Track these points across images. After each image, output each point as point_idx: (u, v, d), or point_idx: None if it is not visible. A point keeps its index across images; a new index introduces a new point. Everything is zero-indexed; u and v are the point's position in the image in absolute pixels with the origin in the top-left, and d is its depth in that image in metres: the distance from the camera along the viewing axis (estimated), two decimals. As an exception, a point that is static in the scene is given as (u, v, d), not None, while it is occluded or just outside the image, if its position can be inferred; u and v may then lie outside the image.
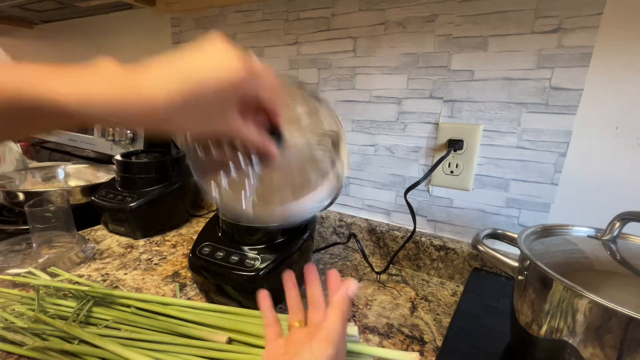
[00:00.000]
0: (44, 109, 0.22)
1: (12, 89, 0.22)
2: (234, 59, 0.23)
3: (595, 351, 0.30)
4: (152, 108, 0.22)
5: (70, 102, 0.22)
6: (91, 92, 0.22)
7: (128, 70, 0.23)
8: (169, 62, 0.23)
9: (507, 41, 0.53)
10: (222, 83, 0.23)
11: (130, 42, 1.03)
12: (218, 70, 0.23)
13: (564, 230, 0.43)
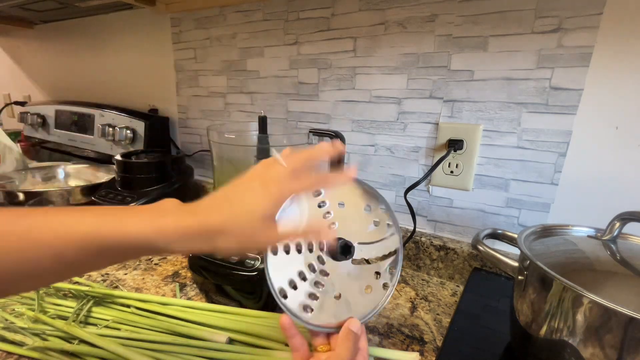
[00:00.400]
0: (124, 246, 0.26)
1: (85, 230, 0.25)
2: (264, 200, 0.28)
3: (595, 351, 0.30)
4: (206, 231, 0.27)
5: (149, 236, 0.26)
6: (165, 224, 0.27)
7: (188, 205, 0.29)
8: (219, 199, 0.29)
9: (507, 41, 0.53)
10: (254, 215, 0.28)
11: (130, 42, 1.03)
12: (250, 207, 0.28)
13: (564, 230, 0.43)
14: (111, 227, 0.26)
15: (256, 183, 0.29)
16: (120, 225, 0.26)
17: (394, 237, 0.37)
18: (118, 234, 0.26)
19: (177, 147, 1.01)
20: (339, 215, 0.35)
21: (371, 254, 0.36)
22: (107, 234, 0.25)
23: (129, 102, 1.09)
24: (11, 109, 1.54)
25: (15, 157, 0.98)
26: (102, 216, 0.26)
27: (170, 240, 0.27)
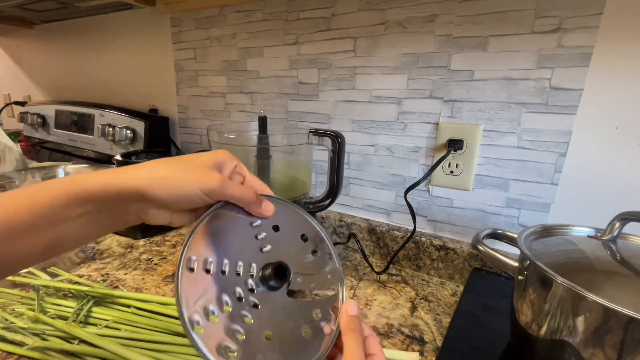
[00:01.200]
0: (95, 194, 0.28)
1: (63, 187, 0.27)
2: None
3: (595, 351, 0.30)
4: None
5: (119, 184, 0.28)
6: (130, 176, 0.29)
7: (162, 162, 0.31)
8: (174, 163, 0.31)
9: (507, 41, 0.53)
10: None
11: (131, 42, 1.03)
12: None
13: (564, 230, 0.43)
14: (85, 181, 0.28)
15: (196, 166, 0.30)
16: (92, 178, 0.28)
17: (335, 272, 0.32)
18: (91, 185, 0.27)
19: (177, 147, 1.01)
20: (272, 239, 0.31)
21: (309, 286, 0.31)
22: (81, 186, 0.27)
23: (129, 102, 1.09)
24: (11, 109, 1.54)
25: (15, 157, 0.98)
26: (74, 179, 0.28)
27: (130, 185, 0.29)
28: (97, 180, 0.28)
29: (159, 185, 0.29)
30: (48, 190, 0.27)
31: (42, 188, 0.27)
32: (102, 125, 0.99)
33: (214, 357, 0.24)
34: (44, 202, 0.26)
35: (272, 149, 0.56)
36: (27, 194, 0.26)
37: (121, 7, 0.97)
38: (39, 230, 0.27)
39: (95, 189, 0.28)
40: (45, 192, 0.26)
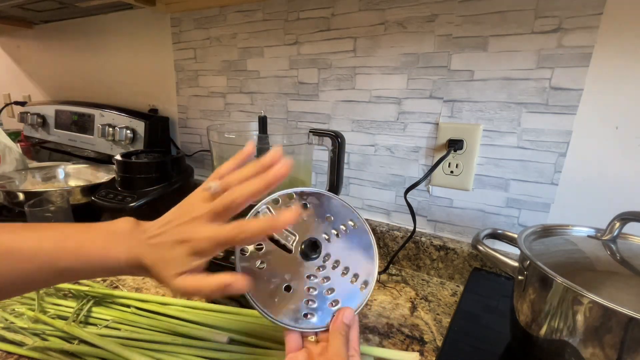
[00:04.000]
0: (77, 274, 0.31)
1: (44, 259, 0.29)
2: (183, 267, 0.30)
3: (595, 351, 0.30)
4: (141, 267, 0.31)
5: (102, 267, 0.30)
6: (117, 253, 0.30)
7: (137, 232, 0.31)
8: (159, 237, 0.31)
9: (507, 41, 0.53)
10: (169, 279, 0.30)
11: (131, 42, 1.03)
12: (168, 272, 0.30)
13: (564, 230, 0.43)
14: (70, 258, 0.29)
15: (179, 234, 0.29)
16: (78, 255, 0.29)
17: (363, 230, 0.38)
18: (75, 265, 0.29)
19: (177, 147, 1.01)
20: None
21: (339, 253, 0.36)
22: (65, 265, 0.29)
23: (129, 102, 1.09)
24: (11, 109, 1.54)
25: (15, 157, 0.98)
26: (61, 242, 0.29)
27: (123, 270, 0.30)
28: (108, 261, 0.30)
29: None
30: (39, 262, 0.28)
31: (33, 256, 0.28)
32: (102, 125, 0.99)
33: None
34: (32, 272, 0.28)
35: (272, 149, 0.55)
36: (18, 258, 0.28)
37: (121, 7, 0.97)
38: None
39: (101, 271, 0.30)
40: (36, 261, 0.28)
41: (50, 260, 0.28)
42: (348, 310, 0.33)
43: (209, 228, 0.29)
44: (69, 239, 0.29)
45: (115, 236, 0.31)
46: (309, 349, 0.32)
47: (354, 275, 0.36)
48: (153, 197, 0.75)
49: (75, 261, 0.29)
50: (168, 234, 0.30)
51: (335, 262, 0.36)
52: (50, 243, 0.28)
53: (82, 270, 0.29)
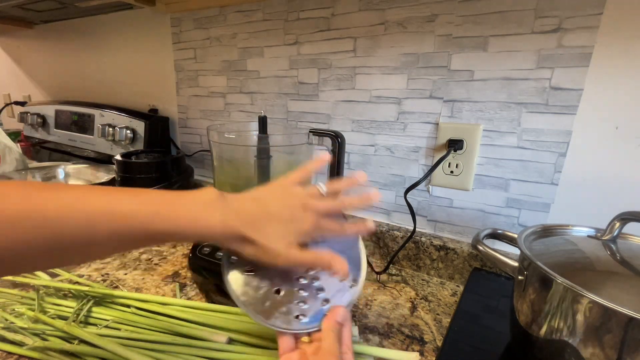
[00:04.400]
0: (169, 236, 0.29)
1: (141, 221, 0.28)
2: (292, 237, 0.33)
3: (595, 351, 0.30)
4: (241, 238, 0.31)
5: (194, 231, 0.29)
6: (213, 220, 0.30)
7: (232, 201, 0.32)
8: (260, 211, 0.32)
9: (507, 41, 0.53)
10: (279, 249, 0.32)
11: (131, 42, 1.03)
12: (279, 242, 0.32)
13: (564, 230, 0.43)
14: (165, 221, 0.28)
15: (303, 209, 0.32)
16: (172, 219, 0.28)
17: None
18: (169, 227, 0.28)
19: (177, 147, 1.01)
20: None
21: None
22: (159, 228, 0.28)
23: (129, 102, 1.09)
24: (11, 109, 1.54)
25: (15, 157, 0.98)
26: (155, 206, 0.28)
27: (215, 237, 0.30)
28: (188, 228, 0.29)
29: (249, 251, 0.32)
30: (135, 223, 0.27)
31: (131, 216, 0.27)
32: (102, 125, 0.99)
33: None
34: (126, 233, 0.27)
35: (272, 149, 0.55)
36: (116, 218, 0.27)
37: (121, 7, 0.97)
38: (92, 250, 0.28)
39: (180, 236, 0.29)
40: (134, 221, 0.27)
41: (144, 223, 0.28)
42: (339, 308, 0.33)
43: (327, 220, 0.34)
44: (161, 204, 0.29)
45: (206, 205, 0.30)
46: (303, 349, 0.32)
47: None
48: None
49: (168, 226, 0.28)
50: (287, 206, 0.32)
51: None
52: (144, 207, 0.28)
53: (175, 234, 0.29)
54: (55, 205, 0.25)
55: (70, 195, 0.26)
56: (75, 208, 0.26)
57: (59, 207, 0.25)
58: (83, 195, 0.27)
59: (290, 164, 0.61)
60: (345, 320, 0.33)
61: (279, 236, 0.31)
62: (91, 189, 0.29)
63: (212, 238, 0.31)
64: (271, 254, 0.31)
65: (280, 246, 0.31)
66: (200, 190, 0.31)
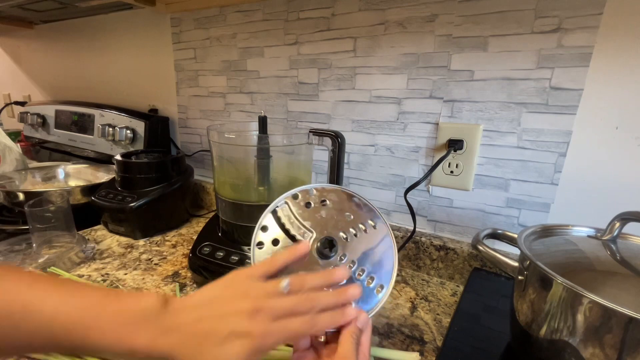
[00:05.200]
0: (91, 350, 0.26)
1: (58, 329, 0.25)
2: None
3: (595, 351, 0.30)
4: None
5: (114, 351, 0.26)
6: (137, 344, 0.26)
7: (166, 316, 0.27)
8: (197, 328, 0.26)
9: (507, 41, 0.53)
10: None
11: (131, 42, 1.03)
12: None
13: (564, 230, 0.43)
14: (84, 333, 0.25)
15: (242, 324, 0.26)
16: (93, 332, 0.25)
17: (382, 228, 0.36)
18: (89, 342, 0.25)
19: (177, 147, 1.01)
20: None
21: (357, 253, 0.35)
22: (79, 339, 0.25)
23: (129, 102, 1.09)
24: (11, 109, 1.54)
25: (15, 157, 0.98)
26: (82, 312, 0.26)
27: (138, 358, 0.26)
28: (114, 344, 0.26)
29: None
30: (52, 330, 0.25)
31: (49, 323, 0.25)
32: (102, 125, 0.99)
33: None
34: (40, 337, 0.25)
35: (272, 149, 0.56)
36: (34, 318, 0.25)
37: (121, 7, 0.97)
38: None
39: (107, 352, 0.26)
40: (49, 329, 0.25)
41: (64, 330, 0.25)
42: (362, 313, 0.32)
43: (279, 324, 0.26)
44: (89, 309, 0.26)
45: (136, 321, 0.26)
46: (317, 349, 0.31)
47: (370, 277, 0.35)
48: (153, 197, 0.75)
49: (87, 339, 0.25)
50: (221, 323, 0.26)
51: (351, 262, 0.35)
52: (69, 311, 0.25)
53: (93, 350, 0.26)
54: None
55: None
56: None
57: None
58: (8, 288, 0.25)
59: (290, 163, 0.61)
60: (365, 326, 0.31)
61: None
62: (23, 279, 0.26)
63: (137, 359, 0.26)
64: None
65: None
66: (142, 295, 0.28)
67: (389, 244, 0.36)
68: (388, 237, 0.36)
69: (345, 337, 0.30)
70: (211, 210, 0.93)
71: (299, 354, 0.31)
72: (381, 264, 0.35)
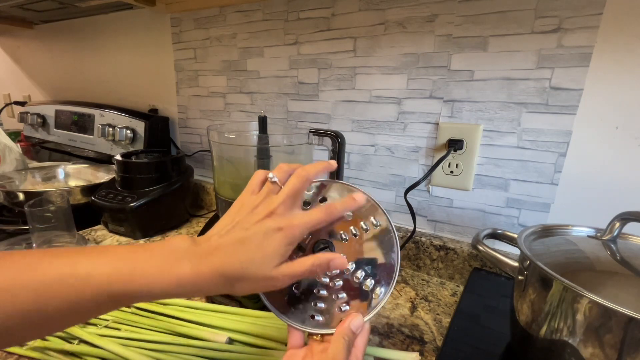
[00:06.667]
0: (134, 297, 0.26)
1: (98, 283, 0.25)
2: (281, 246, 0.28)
3: (595, 351, 0.30)
4: (225, 278, 0.27)
5: (165, 288, 0.26)
6: (181, 273, 0.26)
7: (200, 244, 0.28)
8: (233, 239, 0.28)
9: (507, 41, 0.53)
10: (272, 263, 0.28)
11: (131, 42, 1.03)
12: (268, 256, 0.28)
13: (564, 230, 0.43)
14: (125, 280, 0.25)
15: (270, 223, 0.28)
16: (134, 276, 0.26)
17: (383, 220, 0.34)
18: (131, 287, 0.25)
19: (177, 147, 1.01)
20: None
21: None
22: (121, 288, 0.25)
23: (129, 102, 1.09)
24: (11, 109, 1.54)
25: (15, 157, 0.98)
26: (115, 263, 0.26)
27: (188, 290, 0.27)
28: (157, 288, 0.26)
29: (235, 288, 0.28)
30: (92, 287, 0.25)
31: (86, 281, 0.25)
32: (102, 125, 0.99)
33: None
34: (84, 300, 0.25)
35: (272, 149, 0.55)
36: (70, 283, 0.24)
37: (121, 7, 0.97)
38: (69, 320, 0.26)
39: (148, 296, 0.26)
40: (89, 286, 0.25)
41: (103, 284, 0.25)
42: (357, 317, 0.31)
43: (299, 214, 0.30)
44: (122, 260, 0.26)
45: (173, 253, 0.27)
46: (311, 346, 0.32)
47: (368, 280, 0.33)
48: (153, 197, 0.75)
49: (130, 283, 0.25)
50: (253, 229, 0.28)
51: (349, 265, 0.33)
52: (102, 266, 0.25)
53: (139, 293, 0.26)
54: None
55: (16, 266, 0.24)
56: (20, 281, 0.24)
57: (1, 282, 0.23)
58: (30, 263, 0.25)
59: (290, 163, 0.61)
60: (359, 329, 0.31)
61: (271, 256, 0.28)
62: (45, 254, 0.26)
63: (187, 292, 0.27)
64: (264, 282, 0.28)
65: (267, 269, 0.28)
66: (168, 239, 0.29)
67: (391, 245, 0.34)
68: (391, 237, 0.34)
69: (337, 338, 0.30)
70: (211, 210, 0.93)
71: (293, 352, 0.31)
72: (382, 265, 0.33)
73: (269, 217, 0.29)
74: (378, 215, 0.34)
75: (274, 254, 0.28)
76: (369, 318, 0.32)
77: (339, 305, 0.33)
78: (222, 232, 0.29)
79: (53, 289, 0.24)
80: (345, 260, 0.31)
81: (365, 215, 0.34)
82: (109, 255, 0.26)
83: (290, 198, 0.30)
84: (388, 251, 0.34)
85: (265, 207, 0.29)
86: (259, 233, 0.28)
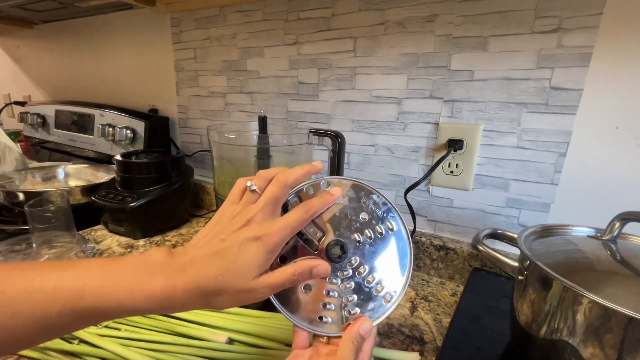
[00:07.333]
0: (105, 313, 0.25)
1: (67, 298, 0.24)
2: (259, 257, 0.27)
3: (595, 351, 0.30)
4: (200, 292, 0.26)
5: (136, 302, 0.25)
6: (153, 287, 0.25)
7: (176, 256, 0.27)
8: (210, 251, 0.27)
9: (507, 41, 0.53)
10: (251, 274, 0.27)
11: (131, 42, 1.03)
12: (246, 267, 0.27)
13: (564, 230, 0.43)
14: (94, 293, 0.24)
15: (247, 233, 0.27)
16: (103, 290, 0.24)
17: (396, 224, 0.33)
18: (101, 301, 0.24)
19: (177, 147, 1.01)
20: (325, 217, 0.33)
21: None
22: (90, 303, 0.24)
23: (129, 102, 1.09)
24: (11, 109, 1.54)
25: (15, 157, 0.98)
26: (84, 276, 0.25)
27: (164, 305, 0.26)
28: (126, 302, 0.25)
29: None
30: (61, 302, 0.24)
31: (54, 295, 0.24)
32: (102, 125, 0.99)
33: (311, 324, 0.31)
34: (52, 315, 0.23)
35: (272, 149, 0.55)
36: (37, 298, 0.23)
37: (121, 7, 0.97)
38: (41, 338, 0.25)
39: (119, 311, 0.25)
40: (57, 302, 0.24)
41: (72, 299, 0.24)
42: (366, 321, 0.31)
43: (277, 220, 0.29)
44: (92, 273, 0.25)
45: (147, 267, 0.26)
46: (317, 348, 0.31)
47: (379, 284, 0.33)
48: (153, 197, 0.75)
49: (99, 297, 0.24)
50: (229, 240, 0.27)
51: (362, 268, 0.33)
52: (71, 280, 0.24)
53: (108, 310, 0.25)
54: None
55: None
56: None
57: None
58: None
59: (290, 164, 0.61)
60: (367, 333, 0.31)
61: (249, 266, 0.27)
62: (14, 268, 0.25)
63: (162, 307, 0.26)
64: (243, 295, 0.27)
65: (245, 280, 0.27)
66: (146, 252, 0.28)
67: (405, 252, 0.33)
68: (405, 244, 0.33)
69: (346, 342, 0.29)
70: (211, 210, 0.93)
71: (298, 352, 0.31)
72: (393, 272, 0.33)
73: (246, 226, 0.28)
74: (395, 220, 0.33)
75: (252, 264, 0.27)
76: (378, 323, 0.32)
77: (348, 308, 0.32)
78: (199, 244, 0.28)
79: (19, 304, 0.23)
80: (328, 267, 0.30)
81: (382, 219, 0.33)
82: (79, 268, 0.25)
83: (269, 205, 0.29)
84: (402, 259, 0.33)
85: (242, 217, 0.28)
86: (235, 243, 0.27)
